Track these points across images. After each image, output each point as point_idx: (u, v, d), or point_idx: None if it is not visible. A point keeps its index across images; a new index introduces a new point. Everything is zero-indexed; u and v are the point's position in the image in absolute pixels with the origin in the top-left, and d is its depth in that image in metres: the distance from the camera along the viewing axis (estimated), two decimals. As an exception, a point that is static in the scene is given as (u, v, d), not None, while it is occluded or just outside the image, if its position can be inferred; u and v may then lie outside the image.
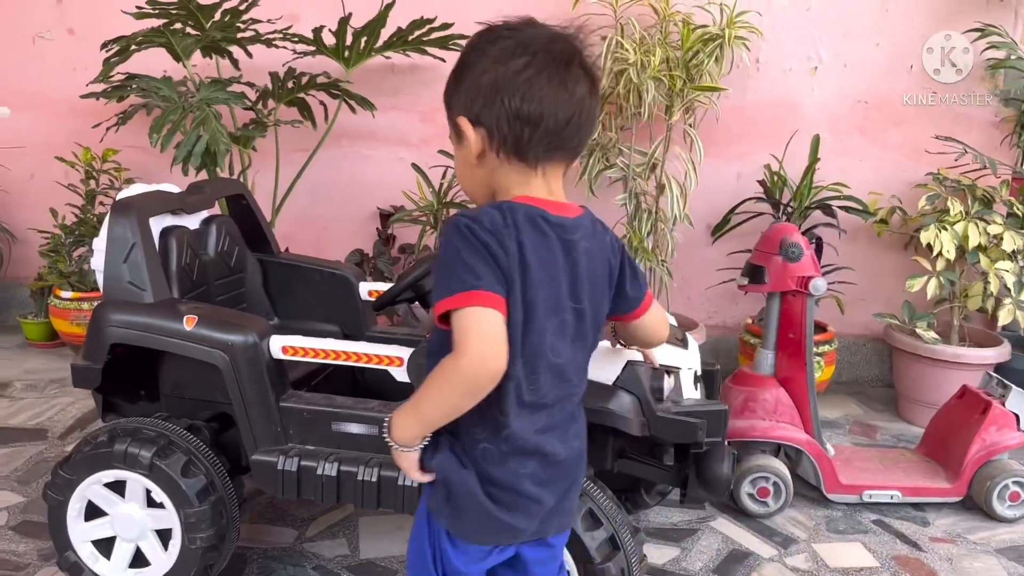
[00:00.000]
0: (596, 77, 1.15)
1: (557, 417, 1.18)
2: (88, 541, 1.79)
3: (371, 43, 2.95)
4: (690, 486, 1.72)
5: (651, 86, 2.65)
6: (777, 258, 2.18)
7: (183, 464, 1.70)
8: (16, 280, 3.64)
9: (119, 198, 1.83)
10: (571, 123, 1.11)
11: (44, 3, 3.40)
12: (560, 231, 1.12)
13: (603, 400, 1.55)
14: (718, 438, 1.62)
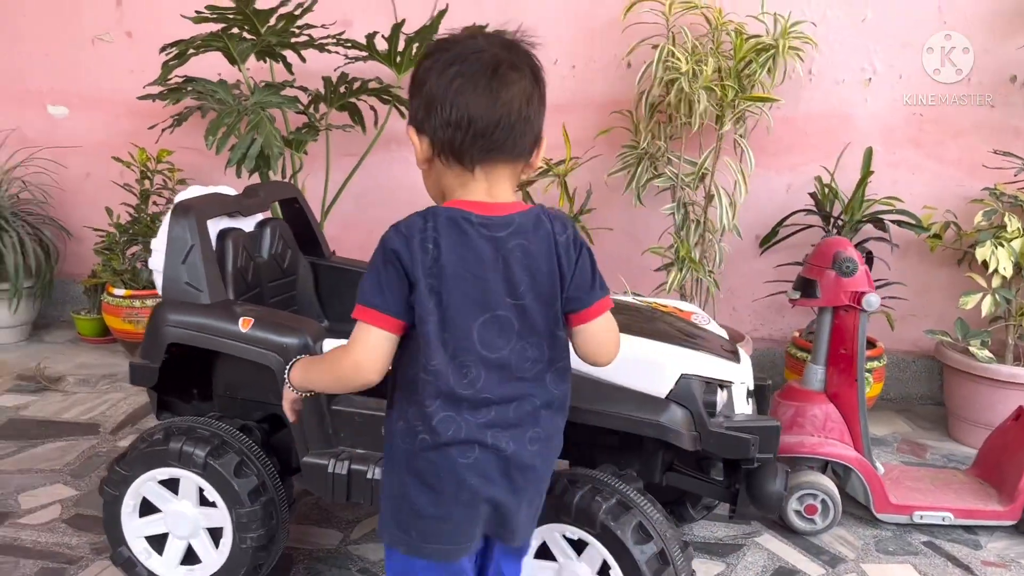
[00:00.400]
0: (530, 81, 1.20)
1: (511, 415, 1.22)
2: (141, 537, 1.82)
3: (423, 49, 2.97)
4: (740, 502, 1.71)
5: (703, 96, 2.64)
6: (830, 272, 2.15)
7: (236, 464, 1.73)
8: (70, 277, 3.72)
9: (179, 200, 1.87)
10: (500, 126, 1.17)
11: (104, 6, 3.47)
12: (485, 230, 1.19)
13: (655, 413, 1.55)
14: (770, 454, 1.60)
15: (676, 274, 2.75)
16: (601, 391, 1.58)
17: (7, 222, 3.36)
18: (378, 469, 1.68)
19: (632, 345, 1.65)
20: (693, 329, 1.83)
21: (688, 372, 1.59)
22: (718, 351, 1.73)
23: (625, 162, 2.87)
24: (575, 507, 1.55)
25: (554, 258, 1.22)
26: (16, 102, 3.65)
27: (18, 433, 2.63)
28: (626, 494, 1.57)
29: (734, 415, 1.65)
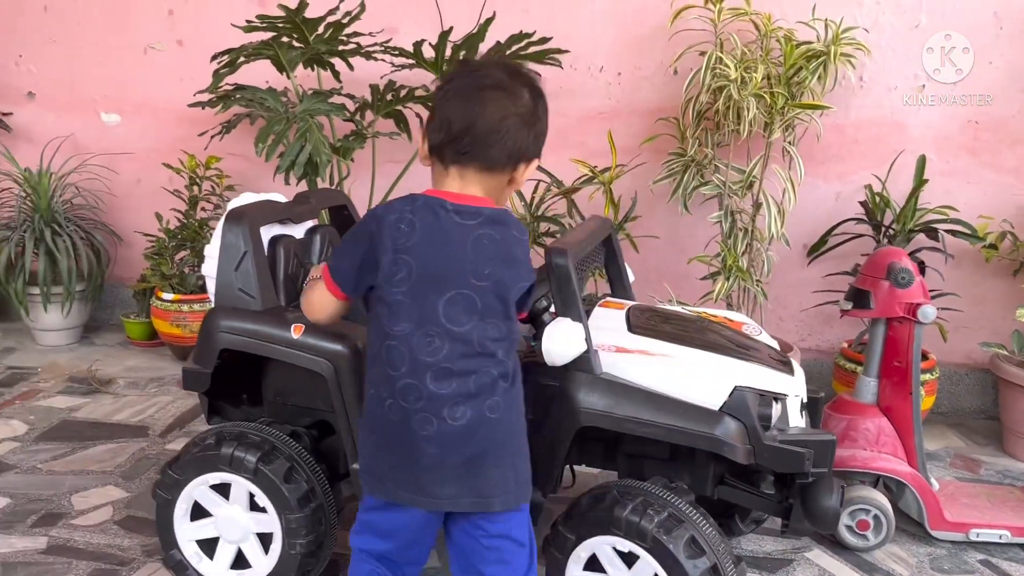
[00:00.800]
0: (516, 103, 1.37)
1: (471, 386, 1.36)
2: (193, 541, 1.84)
3: (469, 57, 2.97)
4: (794, 517, 1.68)
5: (752, 103, 2.61)
6: (884, 283, 2.11)
7: (286, 470, 1.74)
8: (121, 281, 3.79)
9: (232, 207, 1.89)
10: (469, 134, 1.35)
11: (156, 16, 3.54)
12: (456, 216, 1.37)
13: (709, 425, 1.53)
14: (825, 469, 1.57)
15: (723, 283, 2.72)
16: (653, 402, 1.57)
17: (61, 227, 3.43)
18: None
19: (685, 356, 1.64)
20: (745, 340, 1.80)
21: (742, 384, 1.57)
22: (771, 363, 1.71)
23: (671, 170, 2.85)
24: (625, 520, 1.54)
25: (510, 251, 1.39)
26: (71, 110, 3.72)
27: (71, 434, 2.68)
28: (678, 507, 1.55)
29: (788, 428, 1.62)
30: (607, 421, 1.58)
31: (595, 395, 1.58)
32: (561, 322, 1.56)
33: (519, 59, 2.94)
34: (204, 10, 3.47)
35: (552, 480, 1.66)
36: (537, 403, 1.63)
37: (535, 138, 1.41)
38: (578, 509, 1.63)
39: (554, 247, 1.60)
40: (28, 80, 3.75)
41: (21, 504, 2.23)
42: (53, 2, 3.64)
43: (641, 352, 1.65)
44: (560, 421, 1.61)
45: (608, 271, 2.03)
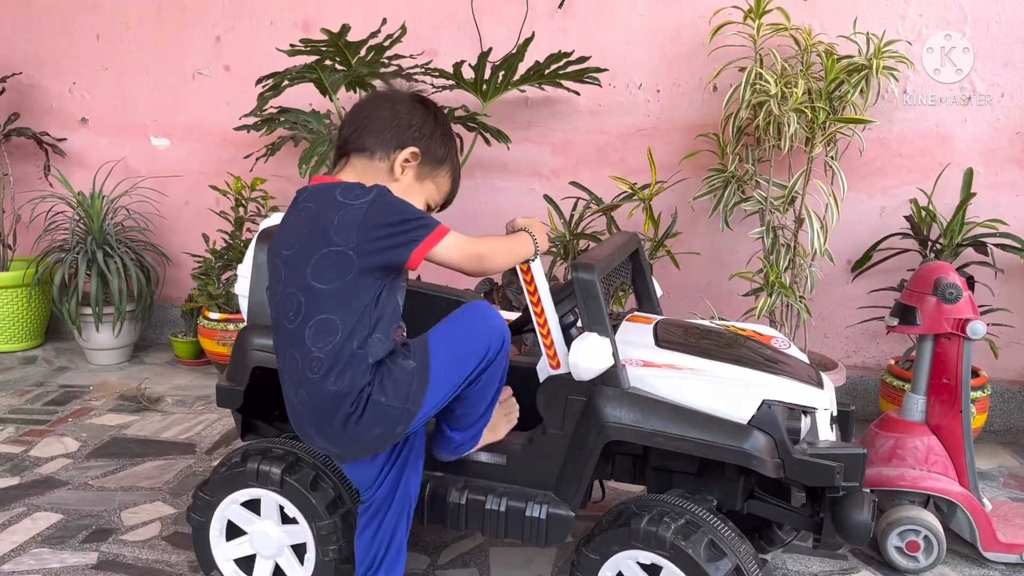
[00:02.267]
0: (390, 108, 1.63)
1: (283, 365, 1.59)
2: (230, 560, 1.86)
3: (508, 77, 3.00)
4: (825, 532, 1.65)
5: (793, 118, 2.59)
6: (931, 299, 2.08)
7: (311, 479, 1.76)
8: (169, 300, 3.87)
9: (263, 227, 1.92)
10: (344, 124, 1.65)
11: (204, 42, 3.63)
12: (297, 194, 1.59)
13: (738, 439, 1.52)
14: (855, 483, 1.56)
15: (766, 299, 2.70)
16: (681, 416, 1.57)
17: (112, 248, 3.52)
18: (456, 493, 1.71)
19: (713, 370, 1.63)
20: (774, 354, 1.79)
21: (771, 398, 1.56)
22: (800, 376, 1.69)
23: (711, 186, 2.84)
24: (643, 531, 1.54)
25: (323, 219, 1.49)
26: (122, 135, 3.83)
27: (121, 451, 2.74)
28: (695, 513, 1.56)
29: (818, 442, 1.61)
30: (635, 435, 1.58)
31: (623, 409, 1.58)
32: (588, 337, 1.56)
33: (558, 78, 2.96)
34: (250, 36, 3.55)
35: (581, 494, 1.66)
36: (565, 418, 1.64)
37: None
38: (599, 529, 1.64)
39: (580, 262, 1.61)
40: (81, 107, 3.87)
41: (73, 520, 2.28)
42: (105, 31, 3.75)
43: (669, 366, 1.65)
44: (588, 435, 1.61)
45: (636, 285, 2.04)
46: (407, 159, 1.60)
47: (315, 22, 3.39)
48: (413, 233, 1.48)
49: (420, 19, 3.29)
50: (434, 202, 1.70)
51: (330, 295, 1.49)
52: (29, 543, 2.16)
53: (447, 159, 1.67)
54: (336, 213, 1.48)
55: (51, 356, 3.77)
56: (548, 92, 3.15)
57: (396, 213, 1.49)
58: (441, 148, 1.65)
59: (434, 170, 1.65)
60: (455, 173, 1.70)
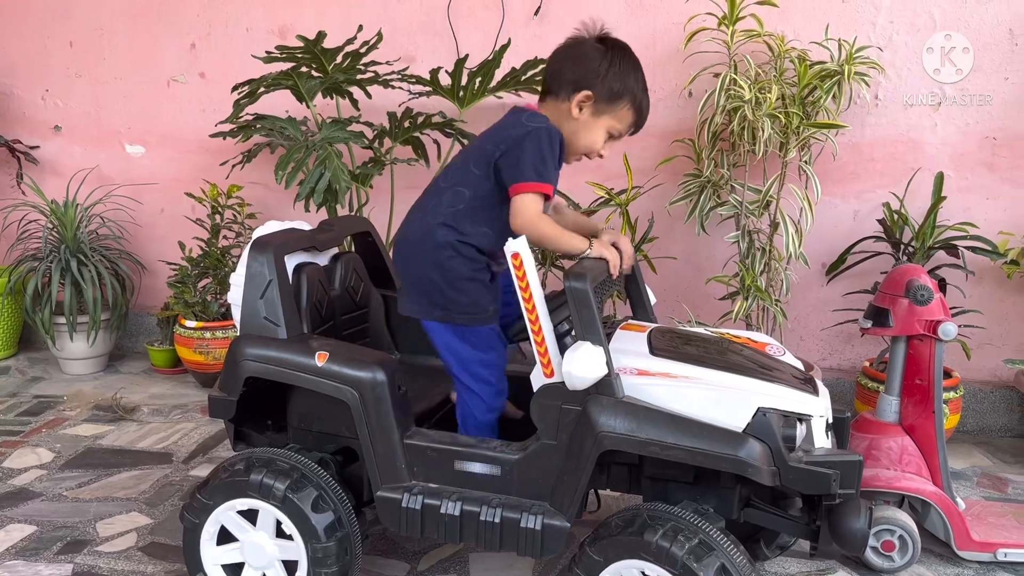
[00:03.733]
0: (556, 51, 1.90)
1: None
2: (218, 565, 1.85)
3: (485, 83, 3.01)
4: (822, 539, 1.65)
5: (767, 123, 2.62)
6: (903, 301, 2.10)
7: (314, 499, 1.75)
8: (145, 309, 3.84)
9: (257, 236, 1.92)
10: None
11: (179, 49, 3.61)
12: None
13: (733, 448, 1.52)
14: (852, 490, 1.55)
15: (742, 303, 2.72)
16: (676, 425, 1.56)
17: (86, 257, 3.49)
18: (451, 504, 1.69)
19: (707, 378, 1.63)
20: (769, 361, 1.79)
21: (765, 405, 1.56)
22: (795, 383, 1.69)
23: (687, 191, 2.86)
24: (656, 545, 1.53)
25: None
26: (96, 142, 3.80)
27: (96, 461, 2.71)
28: (709, 534, 1.54)
29: (814, 449, 1.60)
30: (630, 444, 1.58)
31: (617, 418, 1.58)
32: (581, 346, 1.56)
33: (535, 84, 2.97)
34: (225, 43, 3.54)
35: (576, 504, 1.65)
36: (560, 427, 1.63)
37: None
38: (607, 531, 1.62)
39: (572, 271, 1.60)
40: (54, 114, 3.83)
41: (47, 531, 2.26)
42: (78, 38, 3.72)
43: (663, 375, 1.64)
44: (583, 445, 1.61)
45: (629, 294, 2.04)
46: (582, 100, 1.78)
47: (291, 29, 3.38)
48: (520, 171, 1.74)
49: (396, 26, 3.29)
50: (617, 131, 1.84)
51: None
52: (3, 555, 2.13)
53: (624, 94, 1.79)
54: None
55: (24, 366, 3.72)
56: (525, 98, 3.15)
57: (529, 150, 1.74)
58: (617, 84, 1.78)
59: (611, 105, 1.79)
60: (636, 103, 1.81)
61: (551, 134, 1.76)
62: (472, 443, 1.74)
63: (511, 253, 1.61)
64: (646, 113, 1.85)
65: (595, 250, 1.76)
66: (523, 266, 1.61)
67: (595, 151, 1.85)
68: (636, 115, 1.83)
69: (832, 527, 1.64)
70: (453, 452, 1.72)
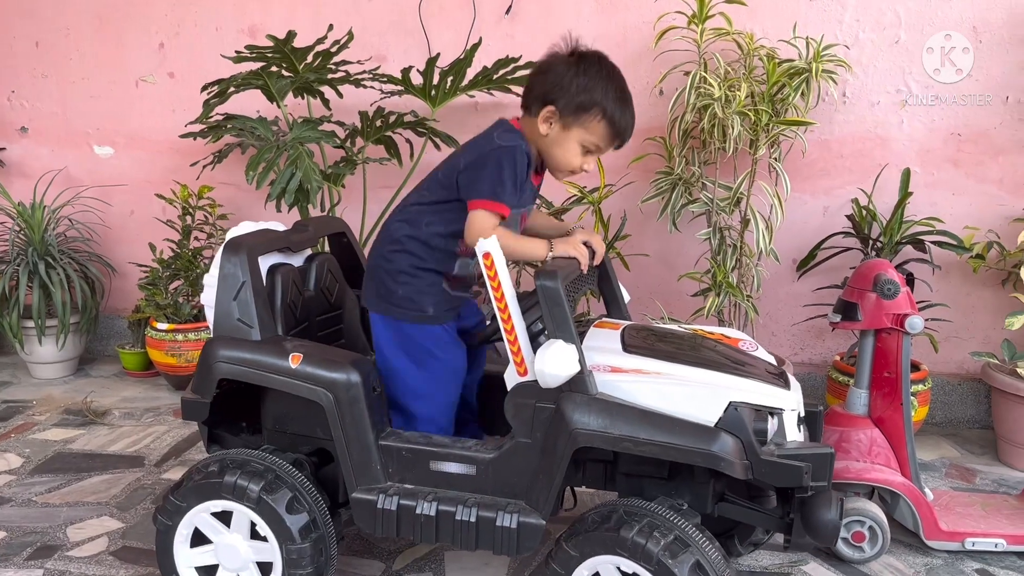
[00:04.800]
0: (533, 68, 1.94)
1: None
2: (192, 567, 1.84)
3: (457, 82, 3.01)
4: (795, 532, 1.67)
5: (736, 121, 2.64)
6: (871, 295, 2.13)
7: (288, 500, 1.74)
8: (115, 312, 3.80)
9: (230, 237, 1.90)
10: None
11: (147, 49, 3.57)
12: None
13: (705, 442, 1.53)
14: (824, 482, 1.57)
15: (714, 299, 2.74)
16: (649, 421, 1.57)
17: (55, 260, 3.44)
18: (427, 504, 1.69)
19: (679, 373, 1.65)
20: (741, 356, 1.80)
21: (737, 400, 1.57)
22: (767, 377, 1.71)
23: (659, 188, 2.88)
24: (632, 541, 1.54)
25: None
26: (64, 143, 3.75)
27: (66, 466, 2.68)
28: (685, 531, 1.55)
29: (786, 443, 1.62)
30: (603, 441, 1.59)
31: (591, 415, 1.59)
32: (553, 343, 1.57)
33: (507, 83, 2.98)
34: (194, 42, 3.51)
35: (551, 502, 1.66)
36: (534, 425, 1.64)
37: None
38: (584, 526, 1.63)
39: (543, 270, 1.61)
40: (21, 115, 3.78)
41: (17, 537, 2.23)
42: (45, 38, 3.67)
43: (636, 371, 1.66)
44: (557, 443, 1.62)
45: (603, 292, 2.05)
46: (547, 116, 1.78)
47: (261, 28, 3.36)
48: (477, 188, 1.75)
49: (367, 25, 3.29)
50: (592, 144, 1.80)
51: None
52: (-28, 562, 2.10)
53: (591, 105, 1.75)
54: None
55: (-8, 371, 3.67)
56: (497, 97, 3.16)
57: (490, 168, 1.75)
58: (583, 96, 1.75)
59: (578, 118, 1.76)
60: (608, 114, 1.77)
61: (516, 154, 1.75)
62: (447, 443, 1.74)
63: (482, 253, 1.61)
64: (624, 123, 1.80)
65: (559, 250, 1.76)
66: (494, 266, 1.61)
67: (571, 166, 1.82)
68: (610, 126, 1.78)
69: (804, 519, 1.66)
70: (428, 452, 1.72)
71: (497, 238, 1.67)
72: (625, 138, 1.83)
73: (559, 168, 1.84)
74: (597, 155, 1.84)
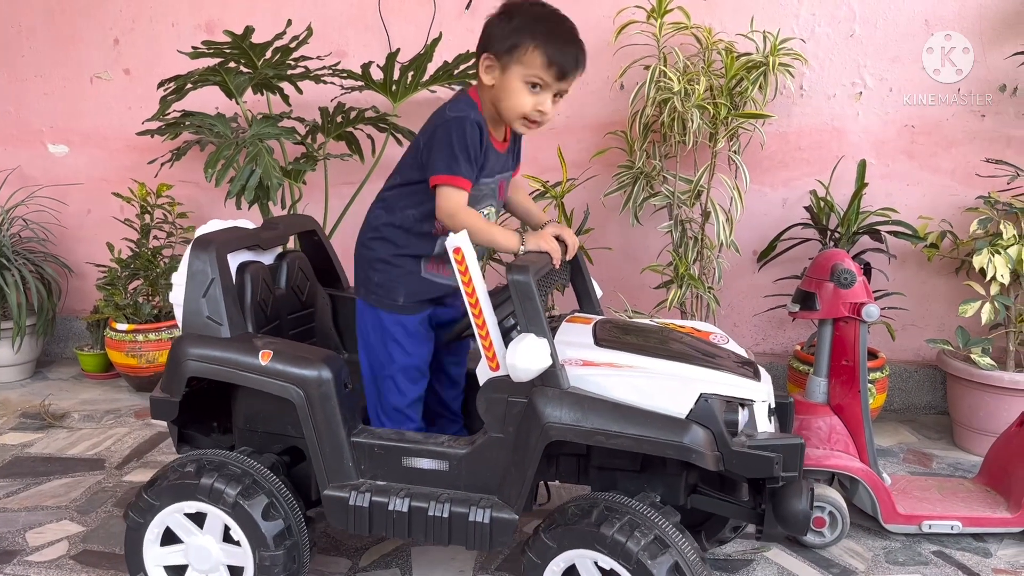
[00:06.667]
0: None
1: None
2: (161, 566, 1.82)
3: (418, 77, 3.00)
4: (767, 523, 1.68)
5: (695, 114, 2.67)
6: (828, 284, 2.17)
7: (264, 506, 1.73)
8: (73, 313, 3.73)
9: (199, 234, 1.88)
10: None
11: (102, 45, 3.51)
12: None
13: (676, 434, 1.54)
14: (794, 472, 1.59)
15: (676, 291, 2.77)
16: (620, 414, 1.58)
17: (9, 261, 3.37)
18: (399, 501, 1.69)
19: (650, 366, 1.66)
20: (711, 348, 1.82)
21: (708, 391, 1.58)
22: (737, 369, 1.73)
23: (621, 182, 2.90)
24: (611, 538, 1.54)
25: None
26: (16, 142, 3.68)
27: (24, 470, 2.63)
28: (665, 531, 1.56)
29: (756, 434, 1.63)
30: (575, 434, 1.59)
31: (563, 409, 1.59)
32: (525, 338, 1.57)
33: (468, 78, 2.98)
34: (150, 38, 3.45)
35: (524, 497, 1.66)
36: (506, 420, 1.64)
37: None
38: (563, 518, 1.63)
39: (515, 264, 1.61)
40: (-30, 113, 3.70)
41: (-25, 544, 2.19)
42: (-7, 33, 3.60)
43: (608, 364, 1.66)
44: (529, 437, 1.62)
45: (575, 287, 2.05)
46: (486, 65, 1.78)
47: (218, 24, 3.32)
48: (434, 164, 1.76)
49: (327, 20, 3.26)
50: (536, 78, 1.75)
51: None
52: (-71, 571, 2.06)
53: (522, 38, 1.73)
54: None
55: (-55, 375, 3.58)
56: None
57: (442, 142, 1.75)
58: (514, 35, 1.74)
59: (512, 55, 1.74)
60: (540, 41, 1.73)
61: (463, 124, 1.74)
62: (419, 439, 1.74)
63: (452, 248, 1.61)
64: (559, 49, 1.74)
65: (531, 244, 1.77)
66: (465, 260, 1.61)
67: (522, 110, 1.77)
68: (544, 53, 1.73)
69: (775, 509, 1.67)
70: (400, 449, 1.72)
71: (469, 226, 1.67)
72: (566, 67, 1.76)
73: (513, 115, 1.79)
74: (548, 93, 1.77)
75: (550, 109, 1.79)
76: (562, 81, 1.77)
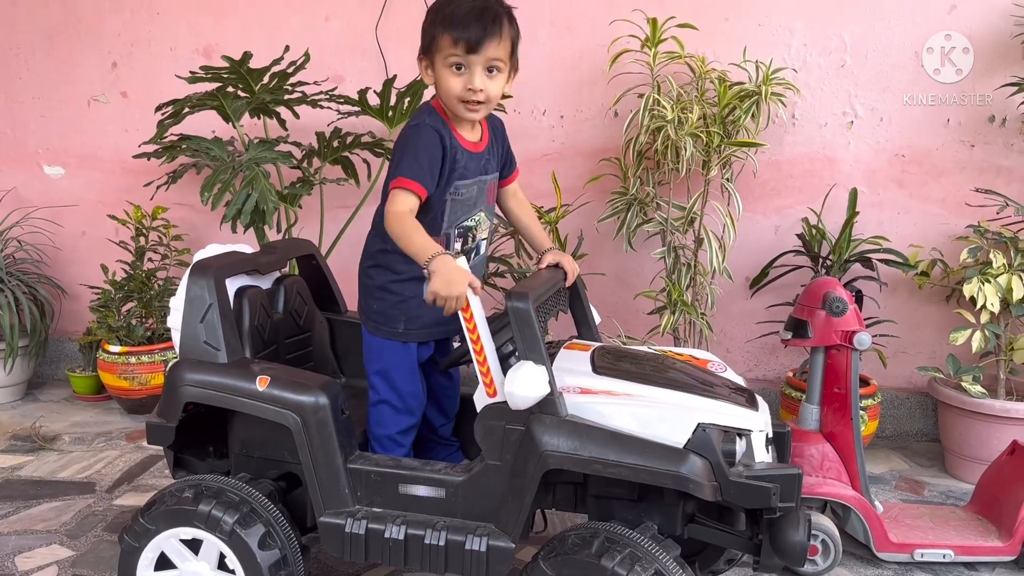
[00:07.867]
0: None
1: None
2: (154, 591, 1.80)
3: (414, 103, 3.03)
4: (764, 553, 1.67)
5: (689, 142, 2.70)
6: (820, 312, 2.19)
7: (261, 536, 1.72)
8: (66, 335, 3.72)
9: (197, 259, 1.89)
10: None
11: (100, 68, 3.53)
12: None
13: (674, 464, 1.53)
14: (792, 503, 1.58)
15: (669, 317, 2.78)
16: (618, 442, 1.57)
17: (2, 282, 3.37)
18: (395, 528, 1.68)
19: (648, 395, 1.65)
20: (709, 377, 1.82)
21: (705, 421, 1.58)
22: (735, 398, 1.72)
23: (615, 208, 2.92)
24: (612, 571, 1.52)
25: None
26: (12, 163, 3.68)
27: (14, 493, 2.61)
28: (666, 565, 1.54)
29: (754, 464, 1.62)
30: (573, 463, 1.58)
31: (560, 437, 1.58)
32: (523, 365, 1.57)
33: (463, 104, 3.00)
34: (149, 62, 3.48)
35: (521, 525, 1.65)
36: (504, 448, 1.64)
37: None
38: (563, 547, 1.61)
39: (515, 291, 1.61)
40: (-34, 134, 3.71)
41: (-36, 569, 2.17)
42: (-9, 55, 3.62)
43: (606, 393, 1.66)
44: (527, 464, 1.61)
45: (574, 313, 2.05)
46: (422, 68, 1.86)
47: (216, 49, 3.35)
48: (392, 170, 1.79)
49: (324, 46, 3.29)
50: (453, 58, 1.77)
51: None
52: (-83, 595, 2.04)
53: (432, 32, 1.80)
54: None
55: (-64, 397, 3.57)
56: (454, 118, 3.18)
57: (402, 149, 1.79)
58: (425, 31, 1.83)
59: (431, 48, 1.81)
60: (445, 25, 1.76)
61: (418, 130, 1.79)
62: (416, 466, 1.74)
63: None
64: (463, 20, 1.74)
65: (436, 280, 1.62)
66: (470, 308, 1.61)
67: (453, 92, 1.78)
68: (450, 32, 1.74)
69: (772, 540, 1.66)
70: (397, 475, 1.71)
71: (398, 230, 1.71)
72: (470, 39, 1.73)
73: (452, 103, 1.80)
74: (475, 71, 1.75)
75: (482, 85, 1.77)
76: (476, 53, 1.74)
